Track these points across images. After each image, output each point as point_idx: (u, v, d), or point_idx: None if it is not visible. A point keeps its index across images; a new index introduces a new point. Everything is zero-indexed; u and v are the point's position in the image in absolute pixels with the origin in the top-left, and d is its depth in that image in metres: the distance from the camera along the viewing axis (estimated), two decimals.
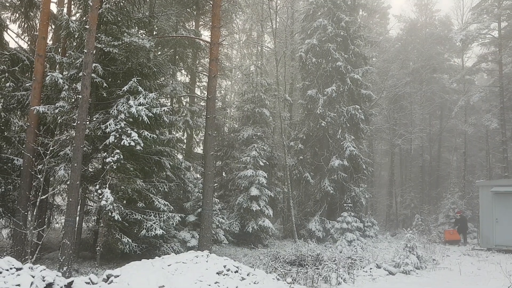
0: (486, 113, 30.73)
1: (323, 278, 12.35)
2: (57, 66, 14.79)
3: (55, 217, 17.31)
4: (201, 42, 20.92)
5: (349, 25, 25.50)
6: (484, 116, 30.45)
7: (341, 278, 12.53)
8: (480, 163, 37.89)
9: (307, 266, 13.31)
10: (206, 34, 26.61)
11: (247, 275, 10.75)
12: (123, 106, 12.77)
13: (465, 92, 33.51)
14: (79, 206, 12.98)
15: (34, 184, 13.09)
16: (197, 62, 23.72)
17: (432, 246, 21.15)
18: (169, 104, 20.50)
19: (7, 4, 16.37)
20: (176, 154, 17.42)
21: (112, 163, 12.28)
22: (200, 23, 24.07)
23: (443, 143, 39.86)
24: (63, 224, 12.80)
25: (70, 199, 11.27)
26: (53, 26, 16.01)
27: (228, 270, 10.59)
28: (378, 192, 39.79)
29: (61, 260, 10.90)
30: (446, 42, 39.12)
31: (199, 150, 24.29)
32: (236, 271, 10.71)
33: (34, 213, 12.33)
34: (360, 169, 24.30)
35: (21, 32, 16.85)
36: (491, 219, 20.98)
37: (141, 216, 13.14)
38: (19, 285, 7.35)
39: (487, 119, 29.43)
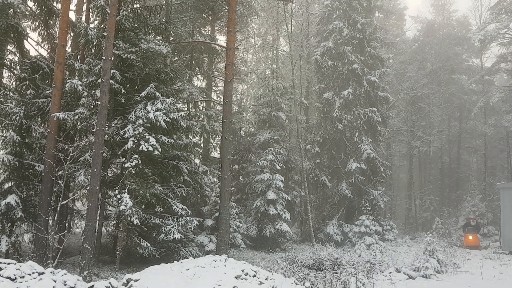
0: (506, 113, 30.18)
1: (341, 282, 12.26)
2: (76, 73, 15.03)
3: (76, 222, 17.53)
4: (217, 47, 21.04)
5: (365, 27, 25.37)
6: (504, 117, 29.91)
7: (360, 283, 12.42)
8: (501, 164, 37.22)
9: (325, 270, 13.24)
10: (221, 39, 26.80)
11: (265, 279, 10.74)
12: (141, 112, 12.90)
13: (485, 93, 32.99)
14: (98, 211, 13.13)
15: (54, 189, 13.29)
16: (213, 67, 23.85)
17: (452, 249, 20.85)
18: (186, 109, 20.64)
19: (27, 13, 16.70)
20: (193, 159, 17.51)
21: (130, 168, 12.40)
22: (215, 28, 24.20)
23: (462, 144, 39.29)
24: (83, 229, 12.96)
25: (90, 204, 11.42)
26: (72, 34, 16.30)
27: (246, 274, 10.59)
28: (397, 195, 39.37)
29: (82, 264, 11.04)
30: (464, 42, 38.65)
31: (216, 154, 24.35)
32: (254, 276, 10.70)
33: (55, 218, 12.52)
34: (378, 172, 24.09)
35: (41, 40, 17.18)
36: None
37: (159, 220, 13.23)
38: None
39: (508, 120, 28.91)
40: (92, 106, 13.14)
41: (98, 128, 11.64)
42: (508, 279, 13.94)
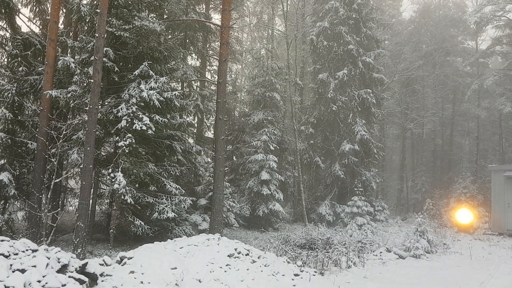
0: (499, 96, 30.27)
1: (333, 261, 12.44)
2: (69, 50, 14.85)
3: (69, 200, 17.57)
4: (212, 25, 20.81)
5: (361, 7, 25.14)
6: (497, 100, 30.01)
7: (351, 262, 12.61)
8: (493, 147, 37.50)
9: (317, 249, 13.41)
10: (216, 17, 26.47)
11: (258, 258, 10.87)
12: (135, 90, 12.82)
13: (479, 76, 33.01)
14: (92, 189, 13.15)
15: (48, 167, 13.26)
16: (207, 46, 23.61)
17: (443, 230, 21.15)
18: (179, 88, 20.52)
19: None
20: (187, 138, 17.50)
21: (124, 147, 12.39)
22: (210, 6, 23.89)
23: (455, 127, 39.47)
24: (76, 207, 13.00)
25: (84, 183, 11.41)
26: (64, 10, 16.01)
27: (239, 253, 10.71)
28: (389, 176, 39.64)
29: (75, 242, 11.09)
30: (460, 24, 38.47)
31: (209, 134, 24.32)
32: (247, 254, 10.82)
33: (49, 196, 12.52)
34: (371, 153, 24.21)
35: (32, 16, 16.88)
36: (503, 204, 20.87)
37: (153, 199, 13.29)
38: (35, 266, 7.49)
39: (501, 103, 29.02)
40: (85, 84, 13.03)
41: (91, 106, 11.56)
42: (496, 260, 14.19)
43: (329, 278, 10.90)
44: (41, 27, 16.68)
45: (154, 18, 16.21)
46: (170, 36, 19.80)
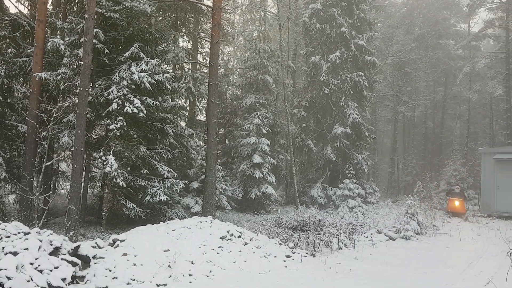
0: (491, 80, 30.39)
1: (324, 243, 12.57)
2: (58, 31, 14.60)
3: (61, 183, 17.47)
4: (203, 6, 20.57)
5: None
6: (489, 83, 30.14)
7: (342, 243, 12.76)
8: (483, 130, 37.81)
9: (308, 231, 13.53)
10: None
11: (250, 240, 10.97)
12: (125, 73, 12.69)
13: (471, 59, 33.09)
14: (84, 173, 13.10)
15: (38, 150, 13.18)
16: (199, 28, 23.36)
17: (433, 212, 21.41)
18: (171, 70, 20.34)
19: None
20: (179, 121, 17.40)
21: (115, 130, 12.31)
22: None
23: (446, 110, 39.67)
24: (68, 190, 12.96)
25: (75, 166, 11.36)
26: None
27: (231, 235, 10.79)
28: (381, 159, 39.92)
29: (68, 225, 11.08)
30: (453, 7, 38.40)
31: (202, 117, 24.23)
32: (239, 236, 10.92)
33: (40, 179, 12.47)
34: (363, 136, 24.29)
35: None
36: (492, 186, 21.14)
37: (145, 182, 13.28)
38: (27, 248, 7.50)
39: (492, 86, 29.15)
40: (75, 66, 12.87)
41: (81, 88, 11.43)
42: (485, 241, 14.44)
43: (320, 259, 11.04)
44: (29, 8, 16.40)
45: None
46: (161, 18, 19.56)
